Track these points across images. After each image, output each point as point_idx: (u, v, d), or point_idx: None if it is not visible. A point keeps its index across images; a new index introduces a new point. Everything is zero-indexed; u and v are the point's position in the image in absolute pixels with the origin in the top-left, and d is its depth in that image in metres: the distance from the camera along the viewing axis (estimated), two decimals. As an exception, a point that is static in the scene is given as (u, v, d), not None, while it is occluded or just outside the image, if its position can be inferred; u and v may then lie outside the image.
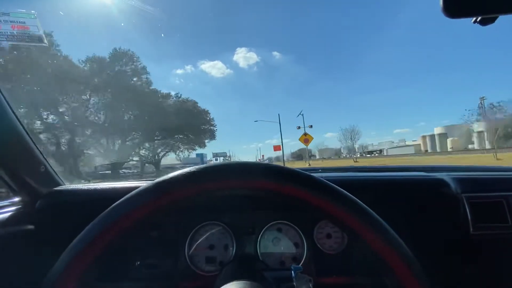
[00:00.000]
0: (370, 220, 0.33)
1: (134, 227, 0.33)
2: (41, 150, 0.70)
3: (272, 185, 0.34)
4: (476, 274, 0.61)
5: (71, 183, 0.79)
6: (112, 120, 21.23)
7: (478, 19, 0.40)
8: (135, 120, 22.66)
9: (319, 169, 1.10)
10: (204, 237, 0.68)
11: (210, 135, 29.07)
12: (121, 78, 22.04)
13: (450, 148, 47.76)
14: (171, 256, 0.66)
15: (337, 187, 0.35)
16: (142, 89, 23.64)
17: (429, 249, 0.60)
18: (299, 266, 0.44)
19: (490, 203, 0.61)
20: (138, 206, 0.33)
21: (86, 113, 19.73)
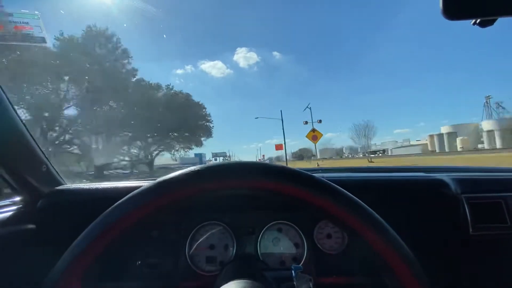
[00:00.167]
0: (371, 220, 0.33)
1: (135, 227, 0.33)
2: (42, 149, 0.70)
3: (273, 185, 0.35)
4: (475, 274, 0.62)
5: (73, 183, 0.79)
6: (91, 113, 17.65)
7: (478, 21, 0.40)
8: (121, 114, 18.94)
9: (319, 169, 1.10)
10: (204, 237, 0.68)
11: (207, 132, 25.64)
12: (98, 63, 17.96)
13: (460, 147, 45.68)
14: (172, 255, 0.66)
15: (338, 187, 0.35)
16: (126, 77, 19.99)
17: (428, 249, 0.60)
18: (300, 266, 0.45)
19: (490, 204, 0.61)
20: (139, 205, 0.33)
21: (60, 105, 16.05)
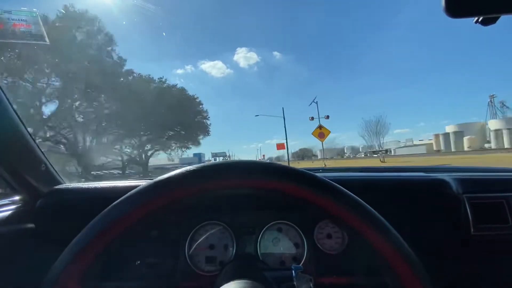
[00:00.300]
0: (373, 219, 0.33)
1: (135, 226, 0.33)
2: (41, 149, 0.70)
3: (275, 184, 0.34)
4: (476, 274, 0.62)
5: (71, 182, 0.79)
6: (74, 108, 15.50)
7: (480, 19, 0.40)
8: (108, 109, 16.94)
9: (320, 169, 1.10)
10: (204, 236, 0.68)
11: (204, 130, 23.55)
12: (79, 50, 15.39)
13: (468, 147, 43.96)
14: (171, 255, 0.66)
15: (339, 187, 0.35)
16: (114, 68, 17.59)
17: (430, 249, 0.60)
18: (300, 266, 0.44)
19: (491, 204, 0.61)
20: (138, 205, 0.33)
21: (36, 98, 13.95)
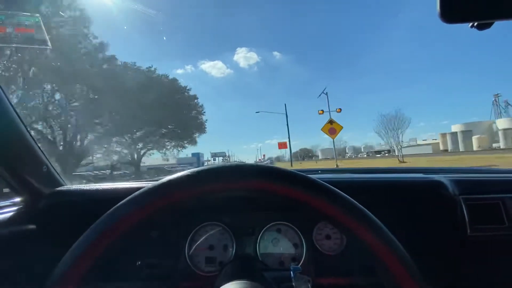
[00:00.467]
0: (367, 220, 0.33)
1: (134, 229, 0.33)
2: (43, 150, 0.70)
3: (268, 186, 0.35)
4: (473, 274, 0.62)
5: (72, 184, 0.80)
6: (42, 98, 13.06)
7: (475, 24, 0.41)
8: (89, 101, 14.70)
9: (318, 170, 1.11)
10: (204, 237, 0.68)
11: (200, 127, 20.93)
12: (47, 29, 9.44)
13: (478, 147, 42.63)
14: (171, 256, 0.67)
15: (332, 188, 0.35)
16: (92, 53, 15.17)
17: (427, 250, 0.60)
18: (298, 266, 0.45)
19: (487, 205, 0.62)
20: (140, 207, 0.33)
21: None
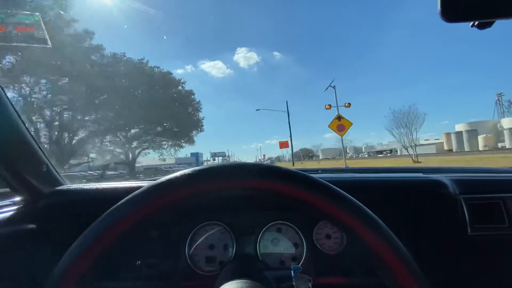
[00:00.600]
0: (367, 219, 0.33)
1: (133, 229, 0.33)
2: (43, 149, 0.70)
3: (269, 185, 0.35)
4: (473, 274, 0.62)
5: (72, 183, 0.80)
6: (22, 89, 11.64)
7: (476, 23, 0.40)
8: (73, 94, 13.18)
9: (319, 170, 1.11)
10: (204, 237, 0.68)
11: (196, 125, 19.30)
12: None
13: (484, 146, 41.73)
14: (171, 256, 0.67)
15: (333, 186, 0.35)
16: (76, 42, 13.17)
17: (427, 249, 0.60)
18: (299, 266, 0.45)
19: (488, 204, 0.62)
20: (139, 206, 0.33)
21: None
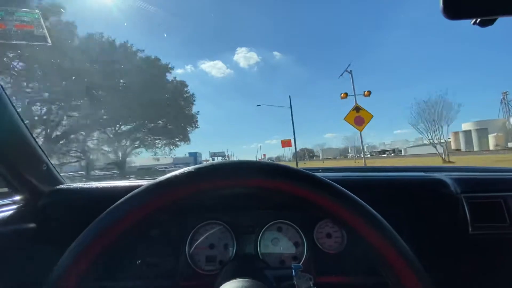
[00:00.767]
0: (369, 217, 0.33)
1: (133, 228, 0.33)
2: (43, 148, 0.70)
3: (272, 183, 0.35)
4: (475, 273, 0.62)
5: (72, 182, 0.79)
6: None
7: (478, 21, 0.40)
8: (45, 80, 11.38)
9: (319, 169, 1.11)
10: (204, 236, 0.68)
11: (190, 120, 18.11)
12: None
13: (495, 146, 40.36)
14: (172, 255, 0.67)
15: (336, 185, 0.35)
16: (55, 26, 10.86)
17: (428, 248, 0.60)
18: (300, 265, 0.45)
19: (489, 203, 0.61)
20: (139, 206, 0.33)
21: None
